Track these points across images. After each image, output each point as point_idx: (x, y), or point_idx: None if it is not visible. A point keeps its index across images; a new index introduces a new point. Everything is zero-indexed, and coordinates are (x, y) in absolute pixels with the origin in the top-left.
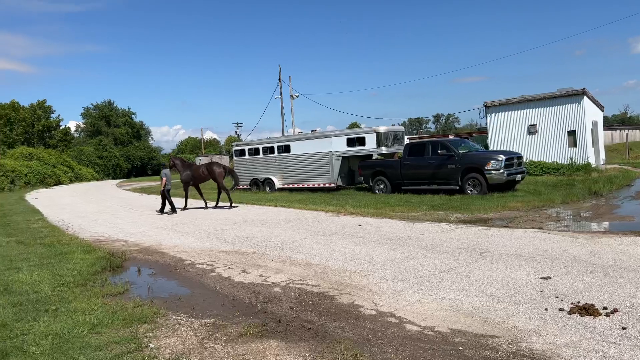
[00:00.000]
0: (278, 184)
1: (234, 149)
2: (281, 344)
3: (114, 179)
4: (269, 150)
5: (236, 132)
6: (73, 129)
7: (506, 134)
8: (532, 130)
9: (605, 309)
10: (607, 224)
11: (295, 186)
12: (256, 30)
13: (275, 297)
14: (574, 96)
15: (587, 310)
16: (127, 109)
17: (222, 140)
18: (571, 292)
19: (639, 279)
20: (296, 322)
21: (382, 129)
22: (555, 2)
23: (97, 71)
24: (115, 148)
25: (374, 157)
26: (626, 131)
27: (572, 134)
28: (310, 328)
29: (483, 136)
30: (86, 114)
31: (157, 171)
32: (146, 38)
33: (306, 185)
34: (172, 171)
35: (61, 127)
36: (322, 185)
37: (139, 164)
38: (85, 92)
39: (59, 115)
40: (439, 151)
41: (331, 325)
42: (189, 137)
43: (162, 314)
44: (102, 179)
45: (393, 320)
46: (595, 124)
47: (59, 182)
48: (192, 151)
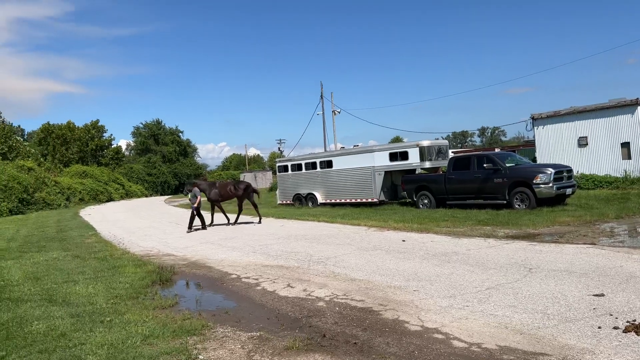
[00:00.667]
0: (320, 199)
1: (277, 165)
2: (326, 358)
3: (162, 195)
4: (312, 166)
5: (279, 148)
6: (124, 147)
7: (555, 146)
8: (582, 142)
9: None
10: None
11: (338, 201)
12: (298, 47)
13: (319, 312)
14: (627, 106)
15: None
16: (174, 127)
17: (266, 156)
18: (627, 310)
19: None
20: (341, 337)
21: (425, 143)
22: (604, 10)
23: (146, 91)
24: (163, 165)
25: (417, 172)
26: None
27: (625, 145)
28: (355, 343)
29: (530, 149)
30: (136, 132)
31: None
32: (192, 59)
33: (348, 201)
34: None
35: (113, 146)
36: (364, 200)
37: (186, 180)
38: (135, 112)
39: (111, 135)
40: (484, 165)
41: (376, 341)
42: (233, 153)
43: (210, 326)
44: (151, 195)
45: (439, 336)
46: None
47: (110, 199)
48: (236, 167)
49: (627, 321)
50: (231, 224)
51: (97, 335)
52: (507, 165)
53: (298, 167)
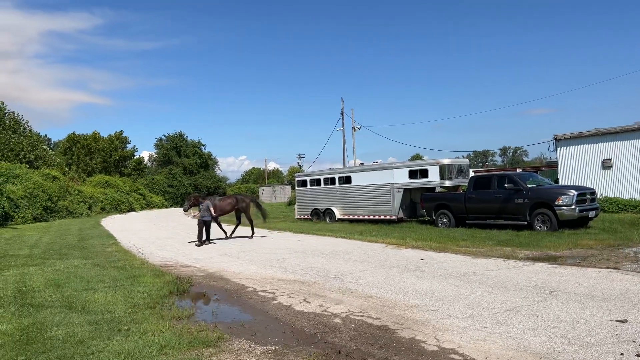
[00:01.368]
0: (338, 214)
1: (296, 179)
2: None
3: (181, 206)
4: (330, 181)
5: (298, 162)
6: (146, 158)
7: (578, 168)
8: (606, 164)
9: None
10: None
11: (356, 217)
12: (319, 63)
13: (335, 328)
14: None
15: None
16: (197, 140)
17: (285, 170)
18: None
19: None
20: (356, 354)
21: (445, 161)
22: (628, 31)
23: (169, 103)
24: (184, 177)
25: (437, 190)
26: None
27: None
28: None
29: (553, 170)
30: (159, 144)
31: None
32: (215, 72)
33: (367, 217)
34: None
35: (135, 157)
36: (382, 217)
37: (206, 193)
38: (158, 124)
39: (134, 146)
40: (505, 185)
41: (392, 359)
42: (253, 167)
43: (226, 338)
44: (171, 206)
45: (456, 357)
46: None
47: (131, 209)
48: (255, 181)
49: None
50: (229, 237)
51: (114, 343)
52: (529, 185)
53: (317, 182)
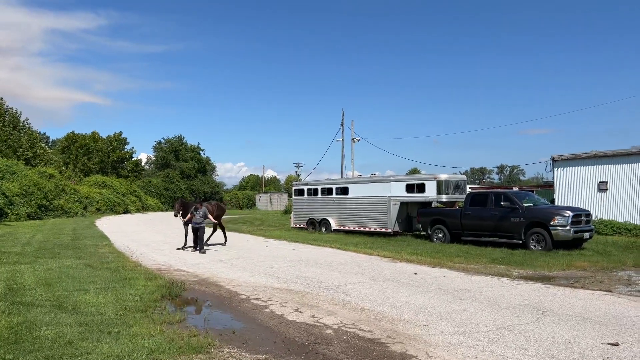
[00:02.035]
0: (334, 225)
1: (294, 188)
2: None
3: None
4: (328, 192)
5: (296, 172)
6: (144, 160)
7: (574, 189)
8: (602, 187)
9: None
10: None
11: (352, 229)
12: (320, 74)
13: (327, 339)
14: None
15: None
16: (196, 144)
17: (282, 179)
18: None
19: None
20: None
21: (443, 176)
22: (627, 56)
23: (170, 107)
24: (181, 181)
25: (433, 205)
26: None
27: None
28: None
29: (549, 190)
30: (157, 147)
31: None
32: (217, 78)
33: (362, 229)
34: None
35: (133, 159)
36: (378, 230)
37: (202, 197)
38: (157, 126)
39: (132, 147)
40: (502, 203)
41: None
42: (250, 174)
43: (217, 345)
44: (167, 210)
45: None
46: None
47: (126, 211)
48: (253, 188)
49: None
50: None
51: (103, 345)
52: (525, 204)
53: (314, 192)
